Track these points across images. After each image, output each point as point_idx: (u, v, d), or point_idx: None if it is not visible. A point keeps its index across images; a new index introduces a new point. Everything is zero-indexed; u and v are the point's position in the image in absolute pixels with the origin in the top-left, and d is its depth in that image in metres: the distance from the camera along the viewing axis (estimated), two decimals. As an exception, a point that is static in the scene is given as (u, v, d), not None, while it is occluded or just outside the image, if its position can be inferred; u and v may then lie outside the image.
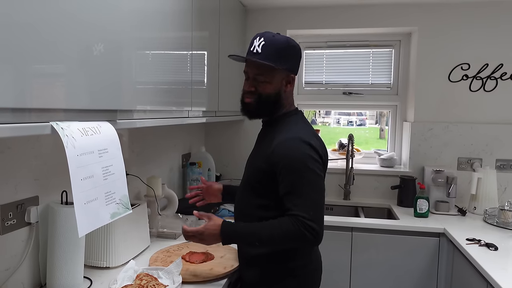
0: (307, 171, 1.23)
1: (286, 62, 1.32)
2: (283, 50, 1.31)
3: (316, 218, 1.21)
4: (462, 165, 2.61)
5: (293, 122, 1.37)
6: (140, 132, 2.00)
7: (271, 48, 1.29)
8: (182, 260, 1.47)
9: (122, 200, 1.07)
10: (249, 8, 2.83)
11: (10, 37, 0.75)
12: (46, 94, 0.87)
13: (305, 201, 1.21)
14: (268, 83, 1.33)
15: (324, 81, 2.97)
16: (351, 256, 2.23)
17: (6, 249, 1.21)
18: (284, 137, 1.29)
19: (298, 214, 1.20)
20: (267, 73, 1.32)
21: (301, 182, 1.23)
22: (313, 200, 1.22)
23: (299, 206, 1.21)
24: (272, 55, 1.29)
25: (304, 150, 1.25)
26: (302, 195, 1.22)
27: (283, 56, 1.31)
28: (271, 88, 1.34)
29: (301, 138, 1.27)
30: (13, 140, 1.21)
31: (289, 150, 1.26)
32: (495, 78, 2.56)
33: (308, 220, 1.19)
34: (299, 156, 1.24)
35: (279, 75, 1.34)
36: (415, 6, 2.62)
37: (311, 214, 1.20)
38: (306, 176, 1.23)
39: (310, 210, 1.20)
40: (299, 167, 1.23)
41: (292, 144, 1.26)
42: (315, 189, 1.24)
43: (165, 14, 1.45)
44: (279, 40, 1.31)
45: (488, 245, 1.82)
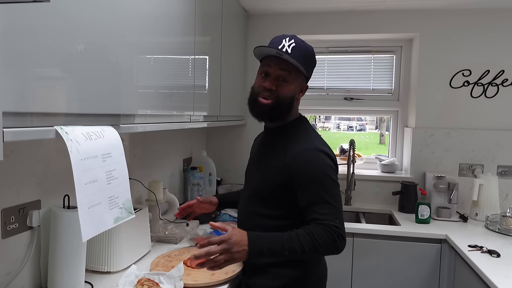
0: (328, 181, 1.25)
1: (308, 70, 1.34)
2: (309, 57, 1.32)
3: (343, 226, 1.24)
4: (463, 171, 2.61)
5: (304, 130, 1.37)
6: (142, 136, 2.00)
7: (300, 52, 1.28)
8: (184, 265, 1.46)
9: (125, 205, 1.07)
10: (251, 14, 2.84)
11: (13, 41, 0.75)
12: (50, 99, 0.87)
13: (332, 210, 1.23)
14: (289, 85, 1.30)
15: (326, 86, 2.98)
16: (353, 262, 2.22)
17: (7, 253, 1.20)
18: (302, 148, 1.29)
19: (329, 224, 1.21)
20: (292, 75, 1.30)
21: (325, 192, 1.24)
22: (337, 209, 1.25)
23: (327, 215, 1.22)
24: (300, 59, 1.27)
25: (324, 160, 1.27)
26: (329, 205, 1.23)
27: (308, 63, 1.32)
28: (290, 91, 1.31)
29: (318, 148, 1.29)
30: (17, 144, 1.21)
31: (310, 162, 1.26)
32: (496, 85, 2.57)
33: (339, 229, 1.22)
34: (320, 167, 1.26)
35: (299, 80, 1.34)
36: (416, 12, 2.63)
37: (338, 222, 1.23)
38: (328, 186, 1.25)
39: (337, 218, 1.23)
40: (321, 177, 1.25)
41: (311, 155, 1.27)
42: (337, 198, 1.26)
43: (169, 19, 1.46)
44: (307, 46, 1.32)
45: (490, 252, 1.81)
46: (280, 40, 1.29)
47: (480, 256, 1.78)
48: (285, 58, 1.27)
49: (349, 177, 2.73)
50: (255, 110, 1.35)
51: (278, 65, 1.29)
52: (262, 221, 1.34)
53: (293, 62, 1.26)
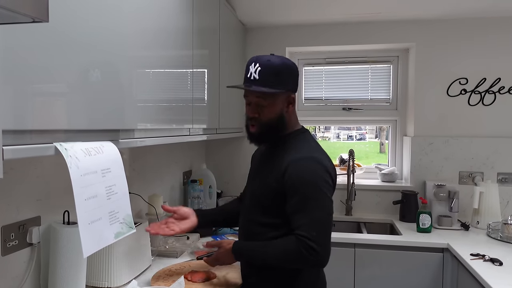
0: (316, 192, 1.23)
1: (285, 85, 1.32)
2: (280, 73, 1.30)
3: (319, 240, 1.20)
4: (463, 179, 2.61)
5: (303, 141, 1.36)
6: (141, 150, 2.00)
7: (268, 73, 1.28)
8: (184, 279, 1.45)
9: (126, 220, 1.07)
10: (248, 27, 2.87)
11: (12, 59, 0.76)
12: (49, 116, 0.87)
13: (309, 221, 1.21)
14: (270, 107, 1.32)
15: (324, 97, 3.00)
16: (355, 272, 2.21)
17: (7, 271, 1.20)
18: (297, 156, 1.28)
19: (300, 234, 1.20)
20: (269, 98, 1.31)
21: (309, 202, 1.23)
22: (318, 222, 1.22)
23: (303, 226, 1.21)
24: (269, 80, 1.28)
25: (317, 171, 1.25)
26: (308, 215, 1.22)
27: (282, 79, 1.30)
28: (272, 113, 1.33)
29: (315, 158, 1.28)
30: (16, 161, 1.21)
31: (302, 169, 1.25)
32: (493, 92, 2.58)
33: (310, 240, 1.19)
34: (311, 176, 1.24)
35: (280, 97, 1.34)
36: (412, 22, 2.66)
37: (313, 235, 1.19)
38: (314, 197, 1.23)
39: (313, 231, 1.20)
40: (309, 188, 1.23)
41: (306, 163, 1.26)
42: (322, 211, 1.24)
43: (167, 33, 1.47)
44: (274, 63, 1.30)
45: (492, 260, 1.80)
46: (248, 68, 1.32)
47: (482, 265, 1.77)
48: (252, 90, 1.30)
49: (349, 187, 2.73)
50: (248, 137, 1.41)
51: (253, 94, 1.33)
52: (262, 229, 1.35)
53: (260, 90, 1.28)
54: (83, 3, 0.96)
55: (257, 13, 2.60)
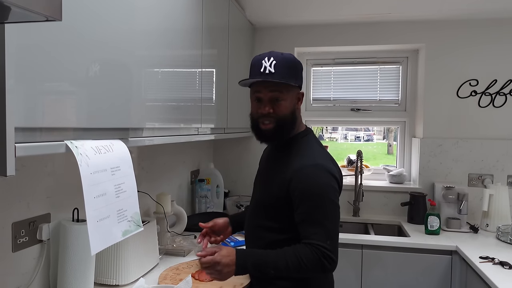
0: (325, 200, 1.23)
1: (298, 79, 1.32)
2: (294, 67, 1.31)
3: (333, 248, 1.21)
4: (473, 181, 2.59)
5: (307, 145, 1.34)
6: (150, 149, 2.01)
7: (284, 66, 1.27)
8: (192, 278, 1.46)
9: (134, 218, 1.07)
10: (257, 27, 2.87)
11: (24, 57, 0.77)
12: (60, 114, 0.88)
13: (323, 230, 1.21)
14: (285, 102, 1.29)
15: (332, 97, 2.99)
16: (362, 274, 2.20)
17: (17, 267, 1.21)
18: (303, 164, 1.27)
19: (317, 244, 1.20)
20: (284, 92, 1.29)
21: (319, 211, 1.22)
22: (330, 230, 1.22)
23: (317, 235, 1.20)
24: (287, 73, 1.27)
25: (324, 179, 1.24)
26: (320, 224, 1.21)
27: (295, 73, 1.31)
28: (287, 108, 1.30)
29: (320, 165, 1.26)
30: (27, 158, 1.22)
31: (308, 178, 1.24)
32: (504, 94, 2.55)
33: (327, 249, 1.19)
34: (318, 185, 1.23)
35: (293, 92, 1.32)
36: (421, 23, 2.64)
37: (328, 244, 1.20)
38: (324, 205, 1.22)
39: (328, 239, 1.20)
40: (318, 196, 1.23)
41: (312, 172, 1.25)
42: (332, 218, 1.24)
43: (176, 32, 1.48)
44: (289, 57, 1.30)
45: (502, 264, 1.78)
46: (260, 63, 1.29)
47: (492, 268, 1.75)
48: (271, 80, 1.26)
49: (357, 188, 2.71)
50: (261, 137, 1.36)
51: (267, 88, 1.29)
52: (264, 233, 1.34)
53: (283, 82, 1.26)
54: (94, 3, 0.97)
55: (266, 13, 2.60)
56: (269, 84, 1.28)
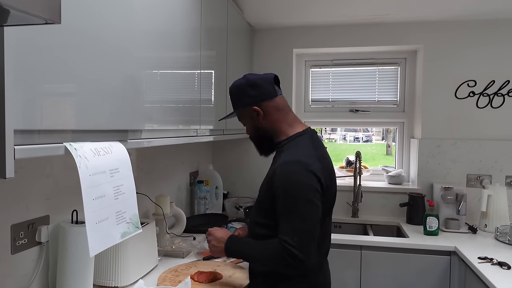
0: (299, 197, 1.22)
1: (239, 103, 1.45)
2: (232, 96, 1.46)
3: (300, 245, 1.19)
4: (471, 182, 2.59)
5: (294, 145, 1.35)
6: (149, 150, 2.01)
7: (232, 98, 1.47)
8: (191, 279, 1.46)
9: (133, 220, 1.07)
10: (255, 28, 2.88)
11: (22, 58, 0.77)
12: (58, 116, 0.88)
13: (291, 227, 1.21)
14: (247, 124, 1.47)
15: (331, 98, 2.99)
16: (361, 274, 2.20)
17: (16, 269, 1.21)
18: (283, 160, 1.29)
19: (282, 239, 1.21)
20: (241, 118, 1.48)
21: (291, 207, 1.22)
22: (299, 227, 1.21)
23: (284, 231, 1.22)
24: (233, 104, 1.47)
25: (299, 175, 1.24)
26: (289, 220, 1.22)
27: (236, 99, 1.45)
28: (250, 128, 1.47)
29: (300, 162, 1.26)
30: (26, 161, 1.22)
31: (285, 173, 1.26)
32: (502, 95, 2.56)
33: (291, 246, 1.19)
34: (293, 181, 1.24)
35: (246, 114, 1.44)
36: (420, 24, 2.65)
37: (295, 240, 1.19)
38: (296, 202, 1.22)
39: (295, 236, 1.20)
40: (291, 192, 1.23)
41: (288, 168, 1.26)
42: (305, 216, 1.22)
43: (175, 34, 1.48)
44: (231, 88, 1.47)
45: (500, 264, 1.79)
46: None
47: (490, 268, 1.76)
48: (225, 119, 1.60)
49: (356, 189, 2.72)
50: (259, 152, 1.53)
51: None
52: (260, 230, 1.37)
53: (228, 115, 1.54)
54: (93, 3, 0.97)
55: (264, 15, 2.61)
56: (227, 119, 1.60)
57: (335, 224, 2.71)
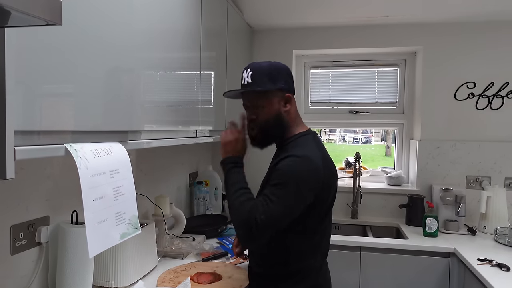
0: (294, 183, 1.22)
1: (275, 83, 1.35)
2: (269, 73, 1.35)
3: (262, 223, 1.19)
4: (470, 183, 2.59)
5: (300, 144, 1.35)
6: (148, 151, 2.01)
7: (259, 75, 1.34)
8: (190, 280, 1.46)
9: (132, 221, 1.07)
10: (255, 29, 2.88)
11: (23, 60, 0.77)
12: (58, 116, 0.88)
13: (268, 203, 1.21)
14: (266, 107, 1.36)
15: (330, 99, 3.00)
16: (360, 276, 2.20)
17: (16, 270, 1.21)
18: (291, 153, 1.28)
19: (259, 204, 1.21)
20: (263, 99, 1.35)
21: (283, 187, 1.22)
22: (274, 209, 1.20)
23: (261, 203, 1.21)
24: (261, 80, 1.34)
25: (303, 167, 1.24)
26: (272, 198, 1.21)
27: (271, 78, 1.35)
28: (268, 113, 1.36)
29: (307, 157, 1.26)
30: (26, 161, 1.22)
31: (290, 162, 1.25)
32: (501, 97, 2.57)
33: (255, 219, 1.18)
34: (297, 169, 1.24)
35: (275, 97, 1.36)
36: (419, 26, 2.66)
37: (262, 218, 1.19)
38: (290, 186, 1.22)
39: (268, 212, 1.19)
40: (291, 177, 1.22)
41: (293, 158, 1.26)
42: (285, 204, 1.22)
43: (175, 34, 1.49)
44: (263, 65, 1.37)
45: (500, 266, 1.79)
46: (241, 76, 1.40)
47: (489, 270, 1.76)
48: (246, 91, 1.37)
49: (355, 190, 2.72)
50: (252, 143, 1.45)
51: (247, 97, 1.40)
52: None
53: (254, 89, 1.34)
54: (93, 4, 0.97)
55: (264, 16, 2.61)
56: (245, 94, 1.40)
57: (335, 225, 2.71)
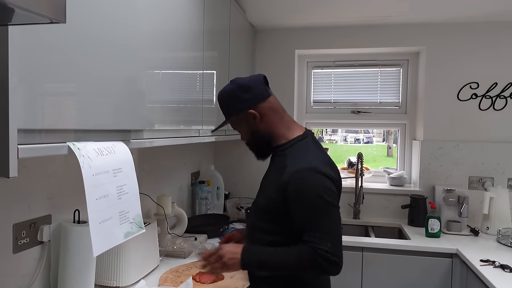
0: (323, 204, 1.21)
1: (232, 109, 1.37)
2: (223, 103, 1.38)
3: (335, 250, 1.19)
4: (473, 184, 2.59)
5: (303, 149, 1.33)
6: (151, 150, 2.01)
7: (222, 105, 1.39)
8: (192, 280, 1.45)
9: (136, 219, 1.07)
10: (258, 29, 2.88)
11: (26, 58, 0.77)
12: (60, 115, 0.88)
13: (322, 233, 1.20)
14: (243, 129, 1.40)
15: (333, 99, 2.99)
16: (362, 276, 2.19)
17: (18, 268, 1.21)
18: (297, 167, 1.25)
19: (317, 247, 1.18)
20: (236, 123, 1.40)
21: (316, 214, 1.21)
22: (330, 232, 1.21)
23: (317, 238, 1.19)
24: (224, 109, 1.39)
25: (319, 183, 1.22)
26: (319, 228, 1.20)
27: (227, 106, 1.38)
28: (245, 133, 1.40)
29: (315, 168, 1.24)
30: (29, 160, 1.22)
31: (304, 182, 1.23)
32: (505, 97, 2.56)
33: (327, 252, 1.18)
34: (312, 188, 1.22)
35: (243, 117, 1.36)
36: (422, 26, 2.65)
37: (329, 246, 1.19)
38: (320, 208, 1.21)
39: (328, 242, 1.19)
40: (313, 199, 1.21)
41: (307, 176, 1.23)
42: (332, 221, 1.23)
43: (177, 34, 1.48)
44: (222, 95, 1.39)
45: (503, 267, 1.78)
46: None
47: (492, 271, 1.75)
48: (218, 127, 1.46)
49: (357, 190, 2.71)
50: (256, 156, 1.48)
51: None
52: (260, 235, 1.34)
53: (221, 125, 1.42)
54: (96, 3, 0.97)
55: (267, 15, 2.61)
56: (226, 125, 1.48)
57: (337, 226, 2.70)
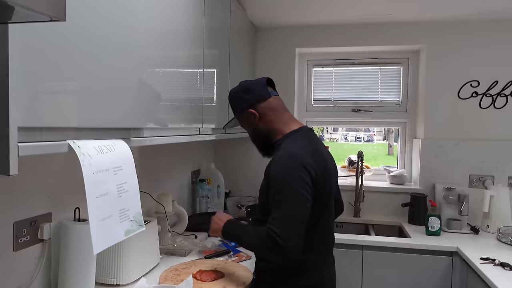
0: (286, 189, 1.26)
1: (236, 108, 1.52)
2: (231, 102, 1.54)
3: (285, 236, 1.22)
4: (473, 182, 2.59)
5: (289, 141, 1.40)
6: (151, 148, 2.01)
7: (231, 105, 1.54)
8: (193, 278, 1.46)
9: (136, 217, 1.07)
10: (258, 27, 2.87)
11: (27, 56, 0.77)
12: (61, 113, 0.88)
13: (277, 216, 1.26)
14: (247, 128, 1.53)
15: (333, 98, 2.99)
16: (362, 274, 2.20)
17: (18, 266, 1.21)
18: (277, 154, 1.36)
19: (269, 227, 1.25)
20: (242, 122, 1.54)
21: (278, 196, 1.27)
22: (284, 216, 1.25)
23: (273, 220, 1.26)
24: (232, 108, 1.54)
25: (287, 166, 1.29)
26: (276, 210, 1.27)
27: (233, 105, 1.53)
28: (250, 132, 1.54)
29: (290, 155, 1.31)
30: (29, 158, 1.22)
31: (275, 166, 1.32)
32: (506, 95, 2.56)
33: (276, 234, 1.22)
34: (282, 172, 1.29)
35: (245, 117, 1.49)
36: (423, 24, 2.64)
37: (280, 231, 1.23)
38: (284, 193, 1.26)
39: (280, 226, 1.23)
40: (279, 181, 1.28)
41: (280, 159, 1.32)
42: (290, 207, 1.26)
43: (178, 32, 1.48)
44: (229, 94, 1.54)
45: (503, 265, 1.78)
46: None
47: (492, 269, 1.75)
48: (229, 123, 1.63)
49: (358, 189, 2.71)
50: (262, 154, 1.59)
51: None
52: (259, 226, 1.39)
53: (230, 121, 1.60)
54: (97, 3, 0.97)
55: (267, 14, 2.60)
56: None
57: (337, 224, 2.71)
